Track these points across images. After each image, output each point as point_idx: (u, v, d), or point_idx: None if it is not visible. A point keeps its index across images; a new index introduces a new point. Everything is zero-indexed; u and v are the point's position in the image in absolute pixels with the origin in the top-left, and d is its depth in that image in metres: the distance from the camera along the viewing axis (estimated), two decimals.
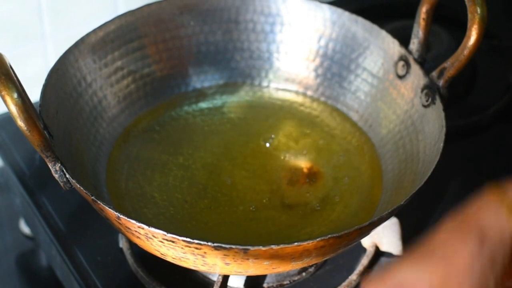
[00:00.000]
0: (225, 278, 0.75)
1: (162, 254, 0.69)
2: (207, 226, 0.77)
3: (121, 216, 0.66)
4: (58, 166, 0.69)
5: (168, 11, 0.87)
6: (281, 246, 0.65)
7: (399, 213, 0.74)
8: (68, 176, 0.70)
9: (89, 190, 0.68)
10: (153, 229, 0.65)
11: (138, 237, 0.68)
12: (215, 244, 0.64)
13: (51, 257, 0.84)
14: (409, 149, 0.80)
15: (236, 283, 0.78)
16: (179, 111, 0.87)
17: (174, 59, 0.88)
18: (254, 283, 0.78)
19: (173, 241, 0.66)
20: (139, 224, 0.66)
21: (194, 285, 0.78)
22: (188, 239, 0.65)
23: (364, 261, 0.80)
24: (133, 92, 0.85)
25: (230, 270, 0.69)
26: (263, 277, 0.79)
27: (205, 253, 0.66)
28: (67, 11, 0.98)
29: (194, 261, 0.68)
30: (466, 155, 0.92)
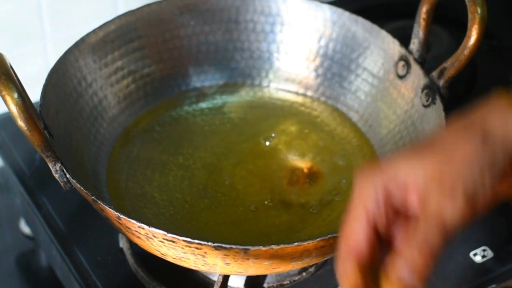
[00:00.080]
0: (225, 278, 0.75)
1: (162, 254, 0.69)
2: (207, 226, 0.77)
3: (122, 216, 0.66)
4: (58, 166, 0.69)
5: (168, 11, 0.87)
6: (281, 246, 0.65)
7: None
8: (68, 176, 0.70)
9: (89, 190, 0.68)
10: (153, 229, 0.65)
11: (138, 237, 0.68)
12: (216, 244, 0.64)
13: (51, 257, 0.84)
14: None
15: (236, 283, 0.78)
16: (179, 111, 0.87)
17: (174, 59, 0.88)
18: (254, 283, 0.78)
19: (173, 241, 0.66)
20: (139, 224, 0.66)
21: (194, 285, 0.78)
22: (189, 239, 0.65)
23: None
24: (133, 92, 0.85)
25: (231, 270, 0.69)
26: (263, 277, 0.79)
27: (205, 253, 0.66)
28: (67, 11, 0.98)
29: (195, 261, 0.68)
30: None
